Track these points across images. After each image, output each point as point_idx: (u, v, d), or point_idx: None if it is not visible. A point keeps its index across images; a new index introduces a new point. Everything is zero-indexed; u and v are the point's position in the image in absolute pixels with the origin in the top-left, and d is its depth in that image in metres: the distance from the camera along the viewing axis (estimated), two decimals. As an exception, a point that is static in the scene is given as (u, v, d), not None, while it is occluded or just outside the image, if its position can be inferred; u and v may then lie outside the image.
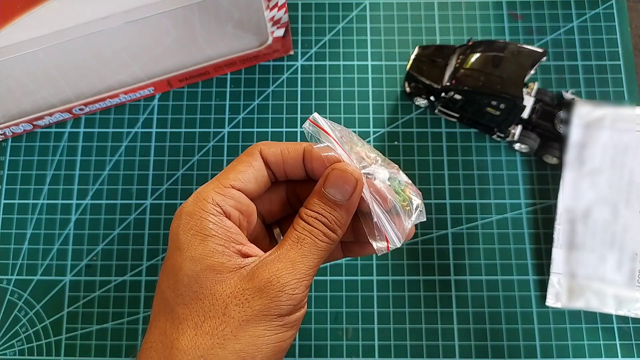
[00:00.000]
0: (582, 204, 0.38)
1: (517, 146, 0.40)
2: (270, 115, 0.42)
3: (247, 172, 0.25)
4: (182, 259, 0.23)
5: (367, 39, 0.44)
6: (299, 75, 0.43)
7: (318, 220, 0.24)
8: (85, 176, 0.41)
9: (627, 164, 0.38)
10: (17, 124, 0.40)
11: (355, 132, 0.41)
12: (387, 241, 0.25)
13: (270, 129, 0.42)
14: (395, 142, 0.41)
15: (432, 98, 0.40)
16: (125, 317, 0.38)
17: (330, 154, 0.25)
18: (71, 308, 0.39)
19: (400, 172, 0.27)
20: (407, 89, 0.41)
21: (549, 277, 0.38)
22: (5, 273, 0.39)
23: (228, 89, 0.43)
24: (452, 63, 0.39)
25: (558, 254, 0.38)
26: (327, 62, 0.43)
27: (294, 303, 0.23)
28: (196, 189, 0.40)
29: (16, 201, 0.40)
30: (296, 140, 0.41)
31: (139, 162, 0.41)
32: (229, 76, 0.43)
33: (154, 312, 0.24)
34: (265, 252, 0.24)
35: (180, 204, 0.40)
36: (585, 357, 0.37)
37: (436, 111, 0.41)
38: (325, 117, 0.26)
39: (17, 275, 0.39)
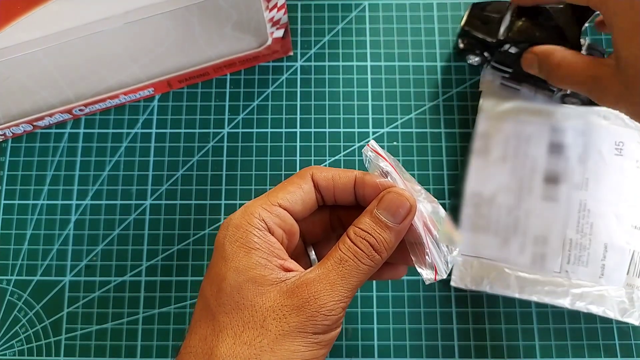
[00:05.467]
0: (487, 189, 0.39)
1: (568, 100, 0.40)
2: (269, 116, 0.42)
3: (296, 193, 0.26)
4: (226, 269, 0.24)
5: (366, 40, 0.44)
6: (299, 76, 0.43)
7: (365, 240, 0.25)
8: (85, 177, 0.41)
9: (530, 154, 0.39)
10: (17, 125, 0.40)
11: (354, 132, 0.42)
12: (436, 271, 0.26)
13: (269, 130, 0.42)
14: (395, 143, 0.41)
15: (485, 54, 0.40)
16: (125, 318, 0.38)
17: (383, 180, 0.26)
18: (71, 308, 0.39)
19: (440, 206, 0.27)
20: (461, 45, 0.41)
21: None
22: (5, 273, 0.39)
23: (227, 90, 0.43)
24: (507, 17, 0.38)
25: (464, 236, 0.38)
26: (327, 63, 0.43)
27: (329, 323, 0.23)
28: (196, 189, 0.41)
29: (16, 202, 0.40)
30: (295, 141, 0.41)
31: (138, 163, 0.41)
32: (228, 77, 0.43)
33: (196, 317, 0.25)
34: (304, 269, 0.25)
35: (180, 204, 0.40)
36: (585, 357, 0.37)
37: (488, 67, 0.41)
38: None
39: (16, 275, 0.39)
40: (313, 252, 0.30)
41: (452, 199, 0.40)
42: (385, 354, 0.37)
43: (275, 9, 0.37)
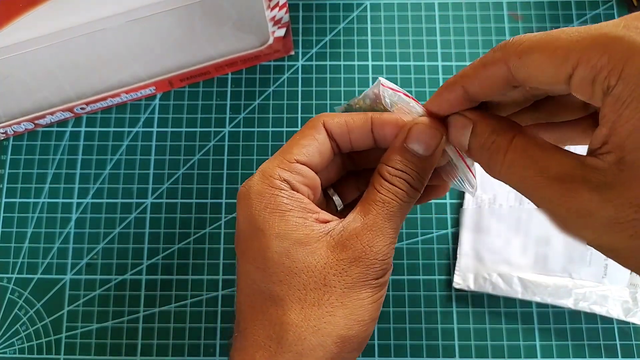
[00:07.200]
0: (489, 190, 0.39)
1: None
2: (270, 115, 0.42)
3: (311, 145, 0.25)
4: (267, 238, 0.23)
5: (367, 39, 0.44)
6: (300, 75, 0.43)
7: (402, 178, 0.24)
8: (86, 175, 0.41)
9: None
10: (18, 123, 0.40)
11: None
12: (474, 186, 0.26)
13: (270, 129, 0.42)
14: (396, 142, 0.41)
15: None
16: (126, 316, 0.38)
17: (404, 114, 0.25)
18: (71, 307, 0.39)
19: None
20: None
21: (457, 260, 0.38)
22: (6, 271, 0.39)
23: (229, 89, 0.43)
24: None
25: (466, 237, 0.38)
26: (328, 62, 0.43)
27: (386, 267, 0.24)
28: (197, 188, 0.41)
29: (17, 200, 0.41)
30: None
31: (139, 161, 0.41)
32: (229, 76, 0.43)
33: (241, 305, 0.24)
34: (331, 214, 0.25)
35: (181, 203, 0.40)
36: (585, 357, 0.37)
37: None
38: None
39: (17, 273, 0.39)
40: (336, 195, 0.29)
41: (453, 198, 0.40)
42: (386, 353, 0.37)
43: (277, 8, 0.37)
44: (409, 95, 0.26)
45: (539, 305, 0.38)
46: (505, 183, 0.21)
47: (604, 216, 0.17)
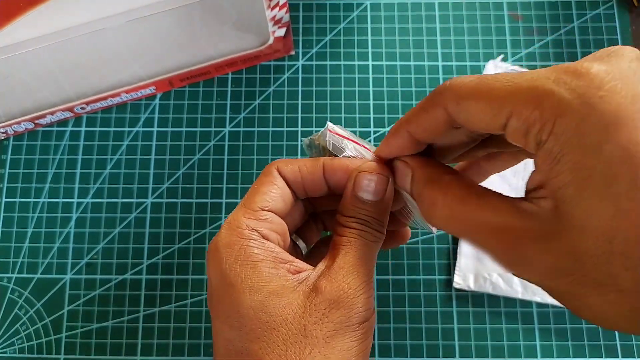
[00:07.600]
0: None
1: None
2: (271, 115, 0.42)
3: (272, 191, 0.24)
4: (239, 293, 0.22)
5: (367, 39, 0.44)
6: (300, 75, 0.43)
7: (359, 223, 0.24)
8: (86, 175, 0.41)
9: None
10: (18, 123, 0.40)
11: (356, 132, 0.42)
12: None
13: (270, 129, 0.42)
14: (396, 142, 0.41)
15: None
16: (126, 316, 0.38)
17: (353, 159, 0.25)
18: (71, 306, 0.39)
19: None
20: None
21: (457, 260, 0.38)
22: (6, 271, 0.39)
23: (229, 89, 0.43)
24: None
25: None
26: (328, 62, 0.43)
27: (369, 307, 0.23)
28: (197, 188, 0.41)
29: (17, 199, 0.41)
30: (297, 139, 0.41)
31: (140, 161, 0.41)
32: (230, 76, 0.43)
33: None
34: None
35: (181, 203, 0.40)
36: (586, 357, 0.37)
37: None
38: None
39: (17, 273, 0.39)
40: (300, 240, 0.28)
41: None
42: (386, 353, 0.37)
43: (277, 8, 0.37)
44: (358, 142, 0.26)
45: (539, 305, 0.38)
46: (445, 231, 0.22)
47: (543, 265, 0.18)
